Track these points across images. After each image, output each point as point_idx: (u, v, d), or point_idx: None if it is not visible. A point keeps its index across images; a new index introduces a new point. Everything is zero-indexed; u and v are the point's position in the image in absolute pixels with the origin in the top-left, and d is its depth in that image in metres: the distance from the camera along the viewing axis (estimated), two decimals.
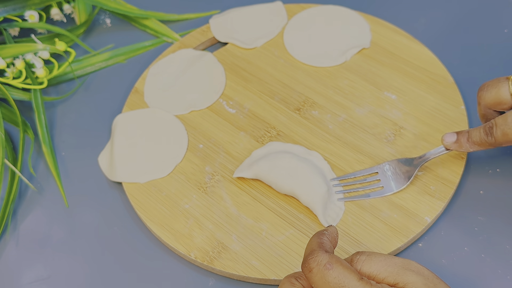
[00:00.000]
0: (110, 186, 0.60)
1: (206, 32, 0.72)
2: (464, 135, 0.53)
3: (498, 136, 0.50)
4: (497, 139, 0.50)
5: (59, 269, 0.55)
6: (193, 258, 0.53)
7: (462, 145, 0.53)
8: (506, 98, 0.50)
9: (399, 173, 0.55)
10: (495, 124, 0.50)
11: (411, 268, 0.40)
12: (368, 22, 0.69)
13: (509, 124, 0.49)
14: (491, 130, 0.50)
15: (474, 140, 0.52)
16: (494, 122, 0.50)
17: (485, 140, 0.51)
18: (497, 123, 0.50)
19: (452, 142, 0.53)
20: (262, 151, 0.59)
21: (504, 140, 0.49)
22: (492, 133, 0.50)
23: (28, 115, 0.67)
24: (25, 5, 0.70)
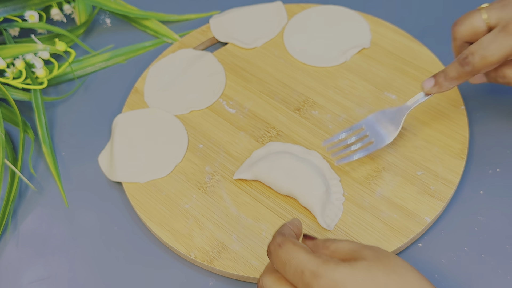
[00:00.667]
0: (110, 186, 0.60)
1: (206, 32, 0.72)
2: (440, 75, 0.53)
3: (476, 62, 0.50)
4: (475, 65, 0.50)
5: (59, 269, 0.55)
6: (193, 258, 0.53)
7: (441, 85, 0.53)
8: (480, 26, 0.51)
9: (386, 124, 0.56)
10: (470, 52, 0.50)
11: (370, 247, 0.41)
12: (368, 22, 0.69)
13: (485, 47, 0.49)
14: (467, 60, 0.51)
15: (451, 76, 0.52)
16: (469, 51, 0.51)
17: (462, 71, 0.51)
18: (472, 50, 0.50)
19: (432, 86, 0.54)
20: (262, 151, 0.59)
21: (483, 65, 0.50)
22: (469, 62, 0.50)
23: (28, 115, 0.67)
24: (25, 5, 0.70)
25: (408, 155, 0.57)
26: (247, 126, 0.62)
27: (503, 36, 0.49)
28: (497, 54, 0.49)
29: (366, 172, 0.57)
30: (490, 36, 0.50)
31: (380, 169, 0.57)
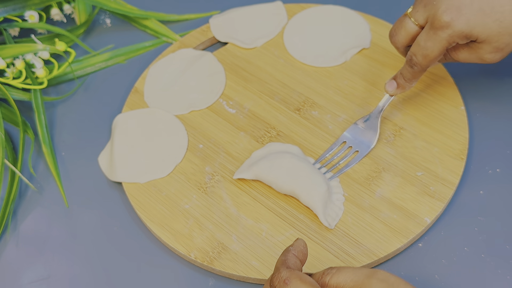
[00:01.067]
0: (110, 186, 0.60)
1: (206, 32, 0.72)
2: (399, 77, 0.57)
3: (421, 61, 0.54)
4: (422, 64, 0.54)
5: (59, 269, 0.55)
6: (193, 258, 0.53)
7: (404, 86, 0.57)
8: (413, 29, 0.55)
9: (365, 132, 0.58)
10: (413, 54, 0.54)
11: (376, 277, 0.40)
12: (368, 22, 0.69)
13: (423, 46, 0.53)
14: (412, 61, 0.54)
15: (408, 77, 0.56)
16: (411, 52, 0.54)
17: (413, 71, 0.55)
18: (413, 51, 0.54)
19: (395, 88, 0.57)
20: (262, 151, 0.59)
21: (427, 61, 0.54)
22: (415, 62, 0.54)
23: (28, 115, 0.67)
24: (25, 5, 0.70)
25: (408, 155, 0.58)
26: (247, 126, 0.62)
27: (433, 32, 0.52)
28: (436, 49, 0.52)
29: (366, 173, 0.57)
30: (424, 35, 0.53)
31: (380, 170, 0.57)
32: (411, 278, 0.51)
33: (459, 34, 0.51)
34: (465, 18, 0.50)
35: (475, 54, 0.54)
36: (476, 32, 0.51)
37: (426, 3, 0.53)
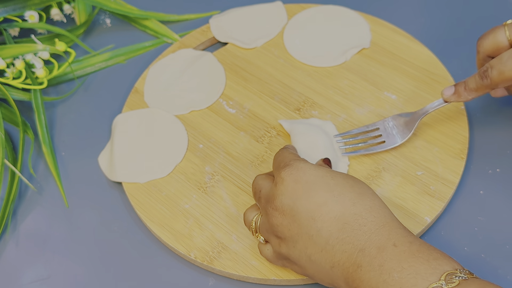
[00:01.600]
0: (110, 186, 0.60)
1: (206, 32, 0.72)
2: (461, 85, 0.55)
3: (494, 76, 0.51)
4: (493, 79, 0.52)
5: (59, 269, 0.55)
6: (193, 258, 0.53)
7: (460, 95, 0.55)
8: (503, 42, 0.53)
9: (400, 127, 0.57)
10: (490, 66, 0.52)
11: None
12: (368, 22, 0.69)
13: (504, 62, 0.51)
14: (486, 73, 0.52)
15: (471, 87, 0.54)
16: (489, 64, 0.52)
17: (481, 84, 0.53)
18: (492, 64, 0.52)
19: (451, 94, 0.55)
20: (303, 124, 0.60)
21: (500, 80, 0.51)
22: (487, 75, 0.52)
23: (28, 115, 0.67)
24: (25, 5, 0.70)
25: (408, 155, 0.57)
26: (247, 126, 0.62)
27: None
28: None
29: (366, 172, 0.57)
30: (510, 53, 0.51)
31: (380, 169, 0.57)
32: None
33: None
34: None
35: None
36: None
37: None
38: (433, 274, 0.39)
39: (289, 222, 0.45)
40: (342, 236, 0.43)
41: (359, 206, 0.44)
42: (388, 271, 0.40)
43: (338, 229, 0.43)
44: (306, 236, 0.45)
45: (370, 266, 0.41)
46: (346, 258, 0.43)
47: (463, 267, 0.41)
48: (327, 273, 0.44)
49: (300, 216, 0.45)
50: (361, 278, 0.42)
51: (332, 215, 0.44)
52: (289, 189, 0.46)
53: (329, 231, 0.44)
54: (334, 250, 0.43)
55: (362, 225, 0.43)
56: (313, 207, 0.44)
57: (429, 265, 0.40)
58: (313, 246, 0.44)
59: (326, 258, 0.44)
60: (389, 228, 0.43)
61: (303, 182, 0.45)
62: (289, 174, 0.46)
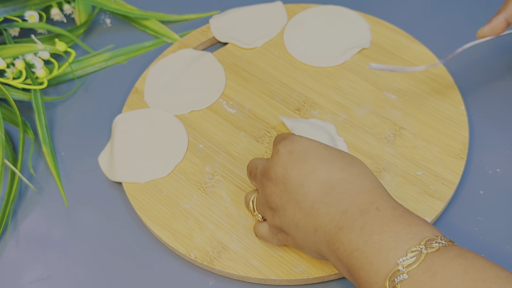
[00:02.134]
0: (110, 186, 0.60)
1: (206, 32, 0.72)
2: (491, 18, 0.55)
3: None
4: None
5: (59, 269, 0.55)
6: (193, 258, 0.53)
7: (492, 21, 0.55)
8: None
9: None
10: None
11: None
12: (368, 22, 0.69)
13: None
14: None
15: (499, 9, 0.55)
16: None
17: None
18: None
19: (485, 26, 0.56)
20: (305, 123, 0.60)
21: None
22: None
23: (28, 115, 0.67)
24: (25, 5, 0.70)
25: (408, 155, 0.58)
26: (247, 126, 0.62)
27: None
28: None
29: None
30: None
31: (380, 169, 0.57)
32: None
33: None
34: None
35: None
36: None
37: None
38: (414, 238, 0.40)
39: (281, 190, 0.46)
40: (327, 199, 0.44)
41: (347, 172, 0.45)
42: (369, 233, 0.41)
43: (324, 193, 0.44)
44: (294, 202, 0.45)
45: (352, 228, 0.42)
46: (329, 221, 0.43)
47: (444, 235, 0.41)
48: (311, 238, 0.45)
49: (291, 183, 0.45)
50: (342, 239, 0.42)
51: (319, 180, 0.45)
52: (283, 159, 0.47)
53: (315, 195, 0.44)
54: (318, 213, 0.44)
55: (347, 189, 0.44)
56: (302, 174, 0.45)
57: (410, 230, 0.40)
58: (300, 211, 0.45)
59: (310, 221, 0.44)
60: (374, 194, 0.44)
61: (297, 152, 0.46)
62: (283, 145, 0.47)
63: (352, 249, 0.41)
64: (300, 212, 0.45)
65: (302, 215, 0.45)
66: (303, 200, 0.45)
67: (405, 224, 0.41)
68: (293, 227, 0.46)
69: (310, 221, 0.44)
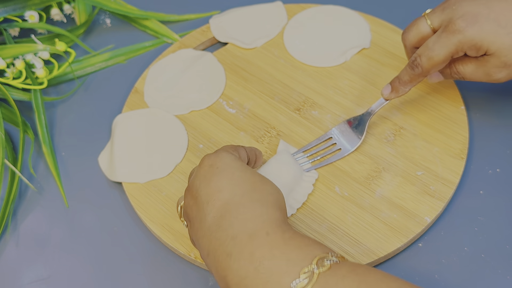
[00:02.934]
0: (110, 186, 0.60)
1: (206, 32, 0.72)
2: (395, 80, 0.56)
3: (424, 63, 0.53)
4: (424, 67, 0.53)
5: (59, 269, 0.55)
6: (193, 258, 0.53)
7: (398, 90, 0.56)
8: (426, 31, 0.54)
9: (352, 132, 0.58)
10: (418, 55, 0.53)
11: None
12: (368, 22, 0.69)
13: (431, 48, 0.52)
14: (415, 62, 0.53)
15: (405, 80, 0.55)
16: (417, 53, 0.53)
17: (413, 74, 0.54)
18: (419, 53, 0.53)
19: (389, 92, 0.56)
20: None
21: (430, 65, 0.53)
22: (418, 64, 0.53)
23: (28, 115, 0.67)
24: (25, 5, 0.70)
25: (408, 155, 0.57)
26: (247, 126, 0.62)
27: (445, 36, 0.51)
28: (442, 54, 0.52)
29: (366, 172, 0.57)
30: (434, 38, 0.52)
31: (380, 169, 0.57)
32: (411, 278, 0.51)
33: (469, 42, 0.51)
34: (479, 26, 0.50)
35: (482, 68, 0.53)
36: (487, 42, 0.50)
37: (445, 7, 0.53)
38: (305, 259, 0.39)
39: (193, 203, 0.46)
40: (221, 223, 0.43)
41: (247, 197, 0.44)
42: (259, 259, 0.40)
43: (220, 216, 0.43)
44: (199, 219, 0.45)
45: (240, 254, 0.41)
46: (219, 246, 0.42)
47: (334, 251, 0.41)
48: (205, 260, 0.44)
49: (200, 198, 0.45)
50: (231, 266, 0.41)
51: (221, 201, 0.44)
52: (202, 172, 0.46)
53: (213, 217, 0.44)
54: (211, 237, 0.43)
55: (241, 214, 0.43)
56: (210, 192, 0.45)
57: (301, 251, 0.40)
58: (200, 230, 0.44)
59: (205, 244, 0.44)
60: (266, 218, 0.43)
61: (215, 167, 0.46)
62: (207, 158, 0.47)
63: (241, 277, 0.40)
64: (200, 231, 0.44)
65: (201, 235, 0.44)
66: (204, 219, 0.44)
67: (294, 246, 0.40)
68: (197, 243, 0.46)
69: (205, 243, 0.44)
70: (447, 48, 0.51)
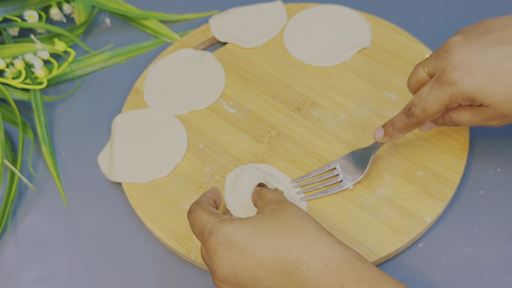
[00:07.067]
0: (110, 186, 0.60)
1: (206, 31, 0.72)
2: (389, 125, 0.54)
3: (418, 113, 0.51)
4: (419, 117, 0.51)
5: (58, 269, 0.55)
6: (193, 258, 0.53)
7: (391, 135, 0.54)
8: (424, 78, 0.52)
9: (354, 165, 0.56)
10: (412, 104, 0.51)
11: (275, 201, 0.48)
12: (368, 21, 0.69)
13: (424, 99, 0.50)
14: (410, 111, 0.52)
15: (399, 127, 0.53)
16: (411, 102, 0.51)
17: (408, 122, 0.52)
18: (413, 102, 0.51)
19: (382, 136, 0.54)
20: None
21: (425, 116, 0.51)
22: (412, 113, 0.51)
23: (27, 115, 0.67)
24: (24, 5, 0.70)
25: (408, 155, 0.57)
26: (247, 126, 0.62)
27: (437, 87, 0.49)
28: (436, 105, 0.49)
29: (366, 172, 0.56)
30: (427, 88, 0.50)
31: (381, 169, 0.57)
32: (411, 278, 0.51)
33: (462, 95, 0.48)
34: (472, 78, 0.47)
35: (478, 117, 0.50)
36: (481, 96, 0.47)
37: (438, 54, 0.50)
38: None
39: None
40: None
41: (295, 251, 0.43)
42: None
43: (286, 282, 0.43)
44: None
45: None
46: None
47: None
48: None
49: (247, 282, 0.44)
50: None
51: (274, 270, 0.43)
52: (224, 259, 0.44)
53: (278, 286, 0.43)
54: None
55: (305, 271, 0.42)
56: (254, 270, 0.43)
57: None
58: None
59: None
60: (333, 267, 0.42)
61: (235, 247, 0.44)
62: (218, 243, 0.44)
63: None
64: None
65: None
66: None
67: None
68: None
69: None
70: (440, 100, 0.49)
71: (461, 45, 0.49)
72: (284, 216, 0.45)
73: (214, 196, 0.52)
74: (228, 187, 0.55)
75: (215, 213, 0.47)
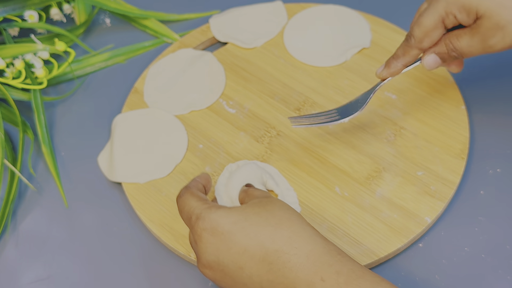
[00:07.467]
0: (110, 186, 0.60)
1: (206, 31, 0.72)
2: (390, 58, 0.55)
3: (415, 31, 0.52)
4: (416, 35, 0.52)
5: (58, 269, 0.55)
6: (193, 258, 0.53)
7: (390, 66, 0.55)
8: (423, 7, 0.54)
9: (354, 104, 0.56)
10: (410, 27, 0.53)
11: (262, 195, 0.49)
12: (368, 21, 0.69)
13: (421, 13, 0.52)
14: (408, 34, 0.53)
15: (398, 54, 0.54)
16: (410, 27, 0.53)
17: (406, 45, 0.53)
18: (411, 25, 0.53)
19: (383, 69, 0.55)
20: None
21: (422, 32, 0.52)
22: (410, 34, 0.53)
23: (27, 115, 0.67)
24: (24, 5, 0.70)
25: (408, 155, 0.57)
26: (247, 126, 0.62)
27: (434, 2, 0.51)
28: (432, 18, 0.51)
29: (366, 172, 0.56)
30: (424, 4, 0.53)
31: (380, 169, 0.57)
32: (411, 278, 0.51)
33: (456, 1, 0.50)
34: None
35: (476, 36, 0.51)
36: (475, 2, 0.49)
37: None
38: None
39: (222, 276, 0.45)
40: (272, 278, 0.43)
41: (278, 241, 0.43)
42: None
43: (267, 271, 0.43)
44: (241, 285, 0.44)
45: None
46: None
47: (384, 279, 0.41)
48: None
49: (229, 268, 0.44)
50: None
51: (256, 258, 0.43)
52: (209, 245, 0.44)
53: (259, 275, 0.43)
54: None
55: (286, 262, 0.42)
56: (236, 257, 0.44)
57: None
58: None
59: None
60: (314, 259, 0.42)
61: (220, 233, 0.44)
62: (203, 229, 0.44)
63: None
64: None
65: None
66: (249, 282, 0.43)
67: None
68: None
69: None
70: (436, 12, 0.51)
71: None
72: (270, 208, 0.45)
73: (204, 182, 0.51)
74: (224, 177, 0.55)
75: (203, 199, 0.47)
